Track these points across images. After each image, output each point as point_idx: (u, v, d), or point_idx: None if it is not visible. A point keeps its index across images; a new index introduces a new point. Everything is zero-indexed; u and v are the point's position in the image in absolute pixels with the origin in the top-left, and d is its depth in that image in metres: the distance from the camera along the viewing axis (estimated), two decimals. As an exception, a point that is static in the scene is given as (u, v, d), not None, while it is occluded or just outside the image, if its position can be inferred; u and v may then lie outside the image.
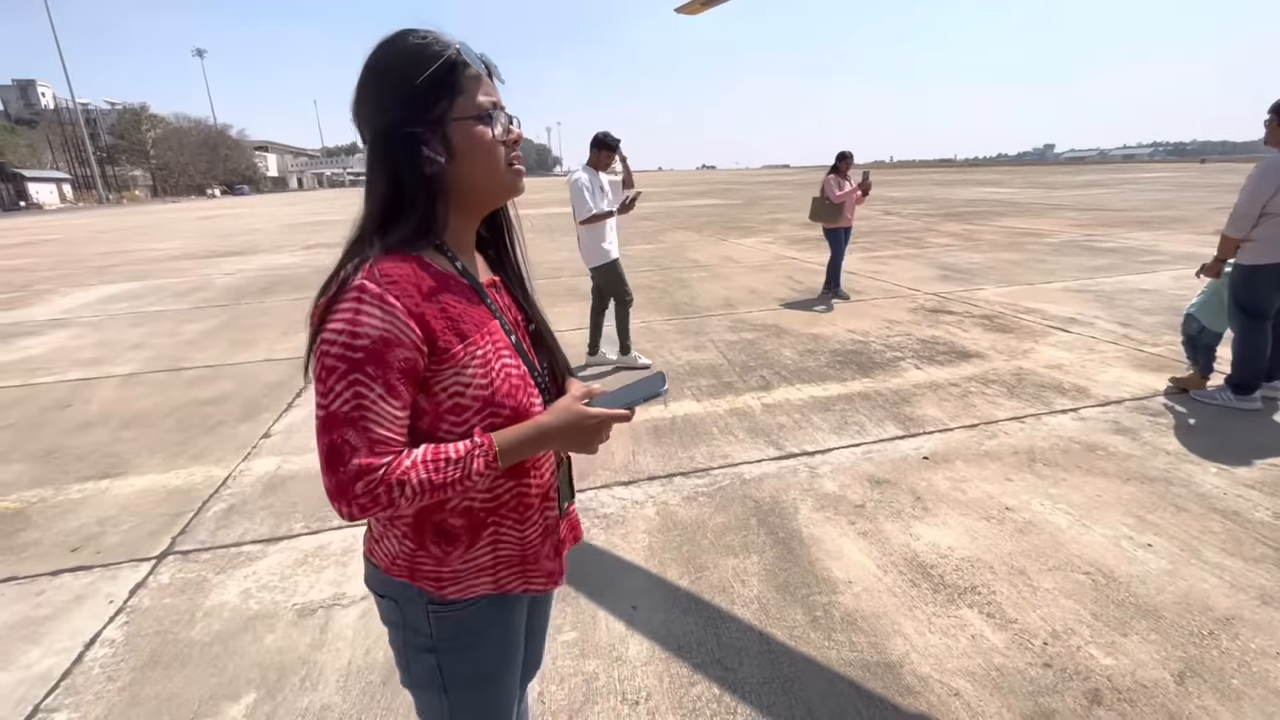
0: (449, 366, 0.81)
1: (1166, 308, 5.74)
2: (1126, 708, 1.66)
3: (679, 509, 2.72)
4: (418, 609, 0.90)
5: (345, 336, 0.75)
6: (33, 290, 9.53)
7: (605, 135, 4.47)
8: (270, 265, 11.18)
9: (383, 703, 1.76)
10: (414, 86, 0.79)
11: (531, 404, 0.90)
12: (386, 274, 0.78)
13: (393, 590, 0.91)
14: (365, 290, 0.76)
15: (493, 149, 0.84)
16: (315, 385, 0.78)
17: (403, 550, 0.89)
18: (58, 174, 65.39)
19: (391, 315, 0.76)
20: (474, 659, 0.95)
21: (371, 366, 0.75)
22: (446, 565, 0.89)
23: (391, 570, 0.90)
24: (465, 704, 0.97)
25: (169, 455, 3.46)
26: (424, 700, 0.98)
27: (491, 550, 0.90)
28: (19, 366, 5.38)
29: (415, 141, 0.80)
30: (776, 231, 13.49)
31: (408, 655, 0.94)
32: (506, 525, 0.91)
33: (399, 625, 0.93)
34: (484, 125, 0.83)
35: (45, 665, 1.96)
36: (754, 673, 1.83)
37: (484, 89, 0.84)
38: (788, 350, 4.95)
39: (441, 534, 0.88)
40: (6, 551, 2.60)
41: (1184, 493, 2.68)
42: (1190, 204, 16.86)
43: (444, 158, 0.81)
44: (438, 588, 0.89)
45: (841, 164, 6.61)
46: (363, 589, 2.24)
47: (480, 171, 0.84)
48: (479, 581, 0.91)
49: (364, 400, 0.75)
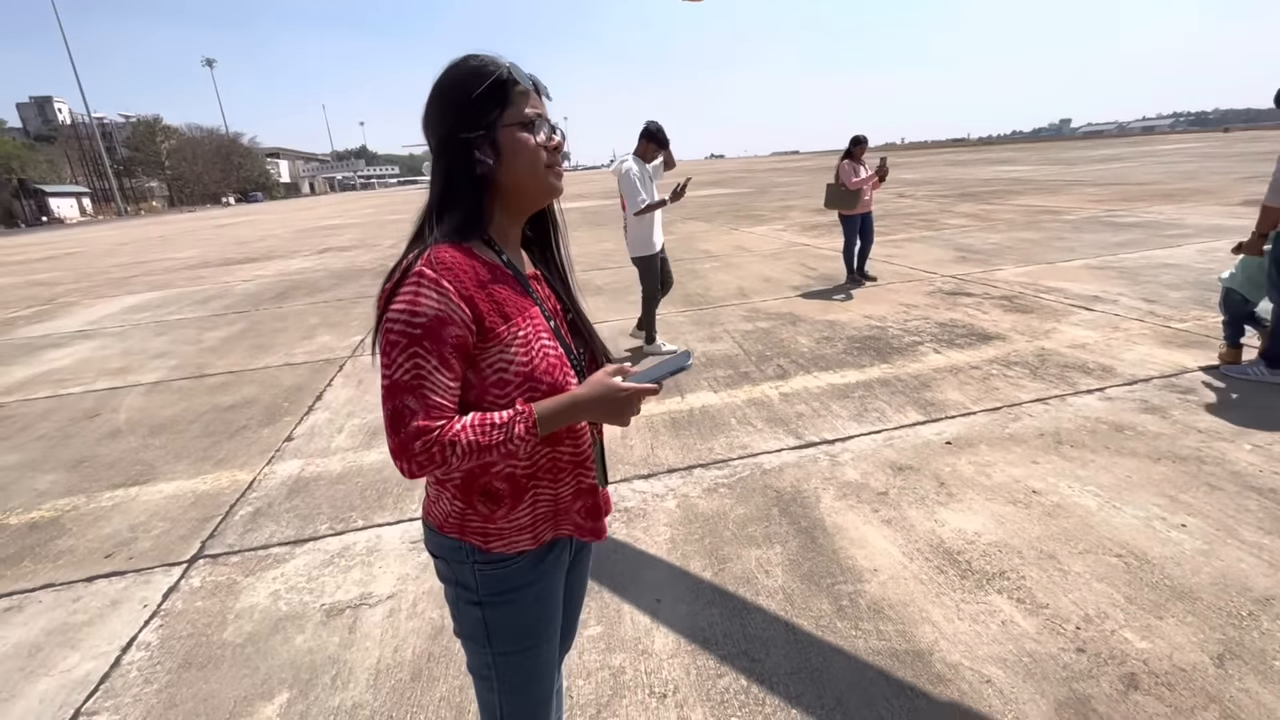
0: (494, 345, 0.92)
1: (1193, 282, 5.59)
2: (1165, 692, 1.62)
3: (700, 501, 2.71)
4: (466, 568, 1.01)
5: (406, 315, 0.86)
6: (58, 303, 9.74)
7: (658, 129, 4.49)
8: (286, 271, 11.31)
9: (412, 700, 1.78)
10: (470, 99, 0.91)
11: (568, 382, 1.00)
12: (442, 261, 0.89)
13: (446, 550, 1.03)
14: (424, 276, 0.88)
15: (535, 153, 0.95)
16: (380, 359, 0.89)
17: (454, 509, 1.00)
18: (77, 188, 66.62)
19: (445, 297, 0.87)
20: (515, 612, 1.04)
21: (428, 341, 0.86)
22: (493, 523, 0.99)
23: (444, 527, 1.01)
24: (507, 657, 1.06)
25: (195, 461, 3.52)
26: (471, 651, 1.08)
27: (531, 509, 1.01)
28: (48, 378, 5.50)
29: (468, 146, 0.92)
30: (788, 219, 13.37)
31: (459, 609, 1.05)
32: (543, 485, 1.01)
33: (451, 581, 1.05)
34: (527, 132, 0.94)
35: (84, 670, 2.01)
36: (781, 663, 1.82)
37: (531, 103, 0.95)
38: (804, 338, 4.90)
39: (488, 495, 0.98)
40: (43, 559, 2.66)
41: (1218, 471, 2.61)
42: (1214, 175, 16.42)
43: (492, 160, 0.93)
44: (484, 543, 0.99)
45: (856, 149, 6.51)
46: (389, 587, 2.27)
47: (523, 173, 0.96)
48: (520, 538, 1.01)
49: (422, 370, 0.86)
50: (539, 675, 1.10)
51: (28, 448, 3.91)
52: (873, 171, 6.47)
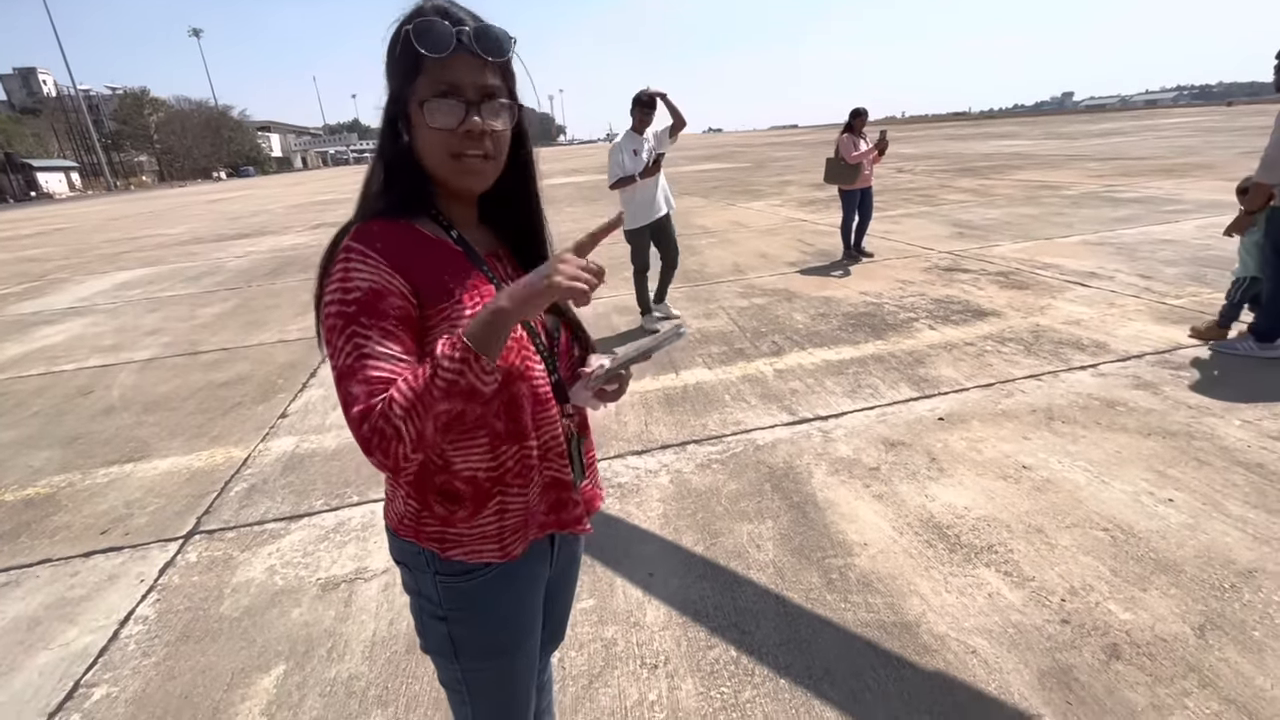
0: (438, 322, 0.82)
1: (1190, 259, 5.58)
2: (1146, 661, 1.65)
3: (693, 476, 2.72)
4: (428, 578, 0.93)
5: (339, 294, 0.78)
6: (49, 280, 9.65)
7: (640, 93, 4.39)
8: (279, 247, 11.20)
9: (408, 671, 1.81)
10: (390, 61, 0.82)
11: (527, 366, 0.89)
12: (369, 233, 0.81)
13: (406, 556, 0.94)
14: (351, 250, 0.80)
15: (432, 138, 0.81)
16: (326, 349, 0.80)
17: (408, 509, 0.91)
18: (65, 162, 65.57)
19: (378, 268, 0.79)
20: (483, 630, 0.96)
21: (365, 317, 0.77)
22: (451, 526, 0.90)
23: (400, 530, 0.93)
24: (478, 673, 0.99)
25: (190, 438, 3.52)
26: (440, 666, 1.01)
27: (497, 519, 0.91)
28: (41, 355, 5.48)
29: (393, 118, 0.84)
30: (785, 194, 13.25)
31: (423, 623, 0.98)
32: (512, 492, 0.91)
33: (415, 592, 0.97)
34: (428, 111, 0.80)
35: (83, 643, 2.03)
36: (771, 635, 1.85)
37: (446, 70, 0.79)
38: (799, 315, 4.89)
39: (445, 495, 0.89)
40: (40, 535, 2.67)
41: (1206, 446, 2.64)
42: (1215, 149, 16.28)
43: (406, 137, 0.84)
44: (441, 549, 0.90)
45: (856, 122, 6.37)
46: (383, 563, 2.29)
47: (427, 158, 0.84)
48: (485, 548, 0.91)
49: (363, 349, 0.77)
50: (514, 684, 1.03)
51: (22, 425, 3.91)
52: (872, 145, 6.39)
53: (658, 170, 4.48)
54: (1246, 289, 3.58)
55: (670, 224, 4.75)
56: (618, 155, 4.45)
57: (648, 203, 4.54)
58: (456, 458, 0.88)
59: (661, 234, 4.71)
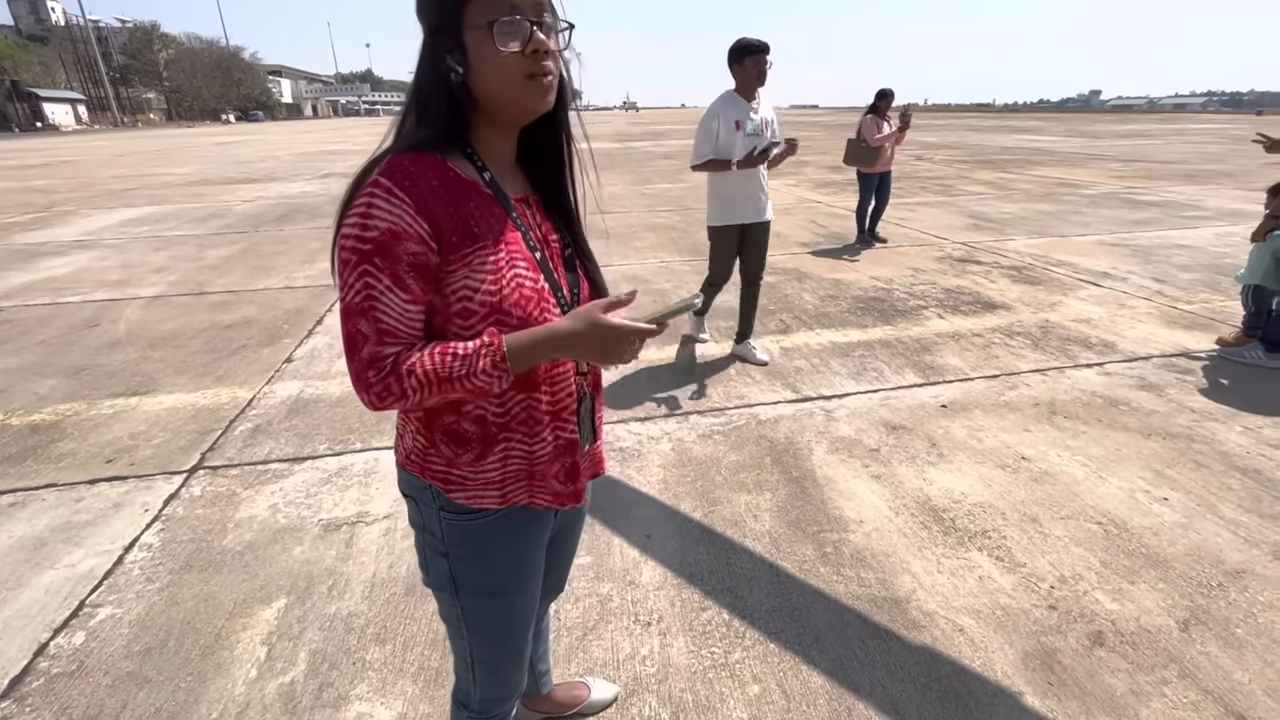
0: (459, 267, 0.81)
1: (1206, 265, 5.53)
2: (1128, 650, 1.69)
3: (694, 446, 2.74)
4: (433, 513, 0.94)
5: (357, 229, 0.77)
6: (55, 211, 9.58)
7: (745, 41, 3.17)
8: (287, 194, 11.09)
9: (405, 613, 1.85)
10: None
11: (545, 317, 0.87)
12: (400, 168, 0.79)
13: (413, 490, 0.96)
14: (378, 185, 0.78)
15: (504, 62, 0.79)
16: (337, 279, 0.80)
17: (416, 445, 0.93)
18: (72, 94, 64.51)
19: (400, 208, 0.77)
20: (484, 571, 0.98)
21: (379, 258, 0.77)
22: (455, 468, 0.91)
23: (406, 464, 0.95)
24: (477, 611, 1.01)
25: (195, 376, 3.54)
26: (441, 601, 1.03)
27: (500, 465, 0.92)
28: (45, 285, 5.47)
29: (440, 50, 0.81)
30: (801, 174, 13.07)
31: (426, 556, 0.99)
32: (516, 439, 0.91)
33: (420, 526, 0.98)
34: (497, 35, 0.78)
35: (88, 565, 2.07)
36: (763, 601, 1.88)
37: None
38: (809, 295, 4.87)
39: (452, 436, 0.90)
40: (45, 460, 2.70)
41: (1206, 449, 2.65)
42: (1241, 158, 16.00)
43: (463, 68, 0.80)
44: (445, 487, 0.92)
45: (881, 103, 6.21)
46: (385, 509, 2.32)
47: (492, 85, 0.81)
48: (486, 494, 0.92)
49: (373, 291, 0.78)
50: (512, 624, 1.04)
51: (27, 352, 3.92)
52: (895, 128, 6.26)
53: (763, 161, 3.36)
54: (1255, 295, 3.56)
55: (765, 234, 3.59)
56: (711, 124, 3.28)
57: (743, 198, 3.41)
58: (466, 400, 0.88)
59: (751, 242, 3.56)
